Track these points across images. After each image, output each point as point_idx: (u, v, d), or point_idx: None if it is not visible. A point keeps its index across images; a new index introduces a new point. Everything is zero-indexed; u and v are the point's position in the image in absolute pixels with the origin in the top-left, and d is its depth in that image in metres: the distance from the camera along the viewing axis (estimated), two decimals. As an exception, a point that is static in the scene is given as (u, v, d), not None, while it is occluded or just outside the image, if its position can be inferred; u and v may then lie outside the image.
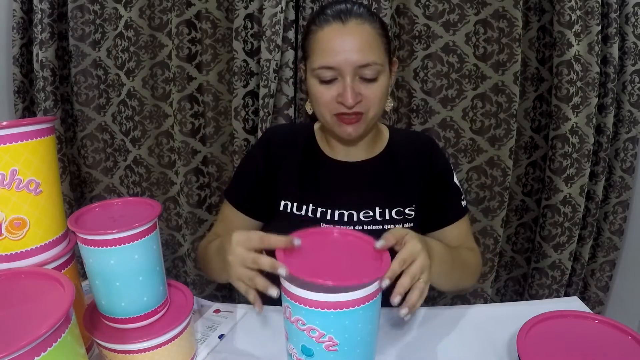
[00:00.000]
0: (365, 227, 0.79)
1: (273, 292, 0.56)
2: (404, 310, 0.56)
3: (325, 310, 0.49)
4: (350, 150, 0.85)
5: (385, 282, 0.52)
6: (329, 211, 0.80)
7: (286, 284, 0.52)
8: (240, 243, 0.60)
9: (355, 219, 0.80)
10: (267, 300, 0.80)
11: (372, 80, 0.73)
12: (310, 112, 0.85)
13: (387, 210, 0.80)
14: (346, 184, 0.83)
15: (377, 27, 0.75)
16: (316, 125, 0.90)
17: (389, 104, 0.82)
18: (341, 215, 0.80)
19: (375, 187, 0.83)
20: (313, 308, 0.50)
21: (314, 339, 0.51)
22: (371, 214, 0.80)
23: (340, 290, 0.49)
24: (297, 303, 0.51)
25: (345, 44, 0.71)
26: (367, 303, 0.51)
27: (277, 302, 0.79)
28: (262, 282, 0.58)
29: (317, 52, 0.74)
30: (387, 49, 0.76)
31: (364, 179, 0.83)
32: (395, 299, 0.54)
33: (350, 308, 0.50)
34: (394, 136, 0.89)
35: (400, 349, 0.68)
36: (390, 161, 0.86)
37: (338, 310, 0.49)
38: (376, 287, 0.51)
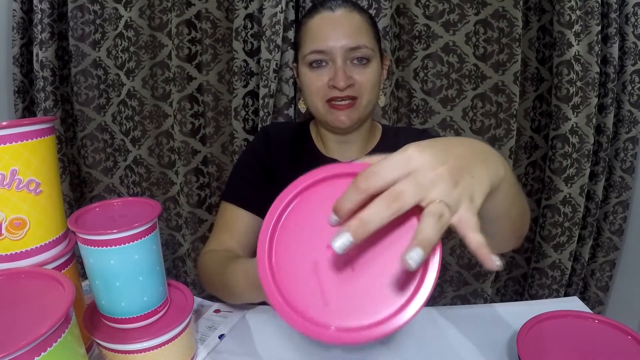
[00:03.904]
0: None
1: None
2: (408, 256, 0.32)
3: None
4: (345, 149, 0.84)
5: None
6: None
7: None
8: None
9: None
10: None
11: (363, 64, 0.74)
12: (303, 109, 0.84)
13: None
14: None
15: (366, 17, 0.78)
16: (312, 124, 0.90)
17: (382, 99, 0.82)
18: None
19: None
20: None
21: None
22: None
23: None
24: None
25: (335, 29, 0.74)
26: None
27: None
28: None
29: (308, 39, 0.76)
30: (376, 38, 0.78)
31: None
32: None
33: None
34: (386, 132, 0.88)
35: (400, 349, 0.68)
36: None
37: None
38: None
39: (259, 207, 0.82)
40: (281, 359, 0.66)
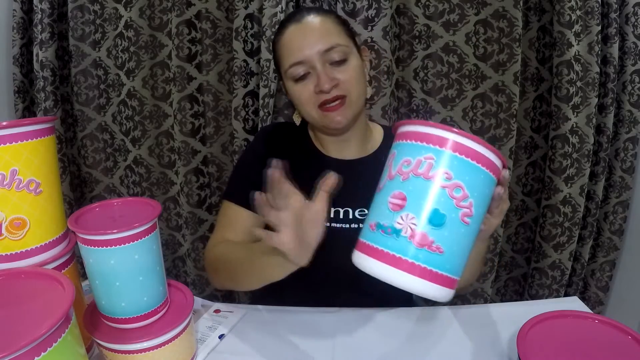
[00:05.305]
0: (361, 225, 0.79)
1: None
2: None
3: (483, 168, 0.44)
4: (343, 148, 0.85)
5: (505, 173, 0.50)
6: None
7: (442, 131, 0.43)
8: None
9: (351, 216, 0.80)
10: (266, 300, 0.80)
11: (342, 62, 0.76)
12: (298, 122, 0.87)
13: None
14: (342, 181, 0.84)
15: (332, 17, 0.80)
16: (309, 124, 0.90)
17: (369, 90, 0.84)
18: (337, 213, 0.80)
19: (371, 185, 0.83)
20: (474, 161, 0.43)
21: (455, 201, 0.42)
22: (366, 211, 0.80)
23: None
24: (452, 151, 0.43)
25: (306, 37, 0.76)
26: (496, 179, 0.46)
27: (275, 302, 0.79)
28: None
29: (284, 54, 0.78)
30: (349, 34, 0.81)
31: (359, 176, 0.83)
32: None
33: (494, 176, 0.45)
34: (388, 135, 0.89)
35: (400, 349, 0.68)
36: (385, 159, 0.86)
37: (490, 173, 0.44)
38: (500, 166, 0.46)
39: None
40: (281, 359, 0.66)
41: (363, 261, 0.47)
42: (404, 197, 0.44)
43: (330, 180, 0.56)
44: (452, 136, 0.43)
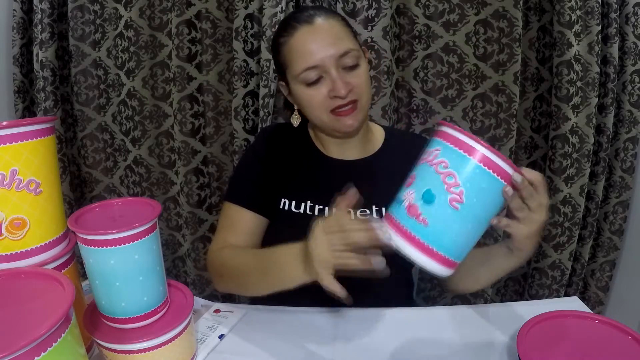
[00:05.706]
0: None
1: (378, 260, 0.54)
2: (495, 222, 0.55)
3: (476, 162, 0.50)
4: (345, 149, 0.85)
5: (516, 176, 0.52)
6: (326, 208, 0.80)
7: (450, 129, 0.52)
8: (325, 229, 0.60)
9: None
10: (266, 300, 0.80)
11: (355, 67, 0.76)
12: (297, 124, 0.86)
13: (383, 209, 0.80)
14: (343, 181, 0.83)
15: (340, 19, 0.79)
16: (309, 124, 0.90)
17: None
18: None
19: (372, 186, 0.81)
20: (467, 154, 0.50)
21: (446, 186, 0.50)
22: (368, 212, 0.80)
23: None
24: (453, 146, 0.51)
25: (320, 41, 0.74)
26: (504, 183, 0.51)
27: (275, 302, 0.79)
28: (357, 259, 0.55)
29: (295, 58, 0.76)
30: (355, 37, 0.80)
31: (360, 177, 0.82)
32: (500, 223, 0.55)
33: (494, 174, 0.50)
34: (389, 136, 0.89)
35: (400, 348, 0.68)
36: (386, 160, 0.86)
37: (485, 168, 0.50)
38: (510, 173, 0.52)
39: (262, 207, 0.84)
40: (281, 359, 0.66)
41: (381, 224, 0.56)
42: (414, 178, 0.55)
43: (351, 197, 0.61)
44: (450, 131, 0.52)
